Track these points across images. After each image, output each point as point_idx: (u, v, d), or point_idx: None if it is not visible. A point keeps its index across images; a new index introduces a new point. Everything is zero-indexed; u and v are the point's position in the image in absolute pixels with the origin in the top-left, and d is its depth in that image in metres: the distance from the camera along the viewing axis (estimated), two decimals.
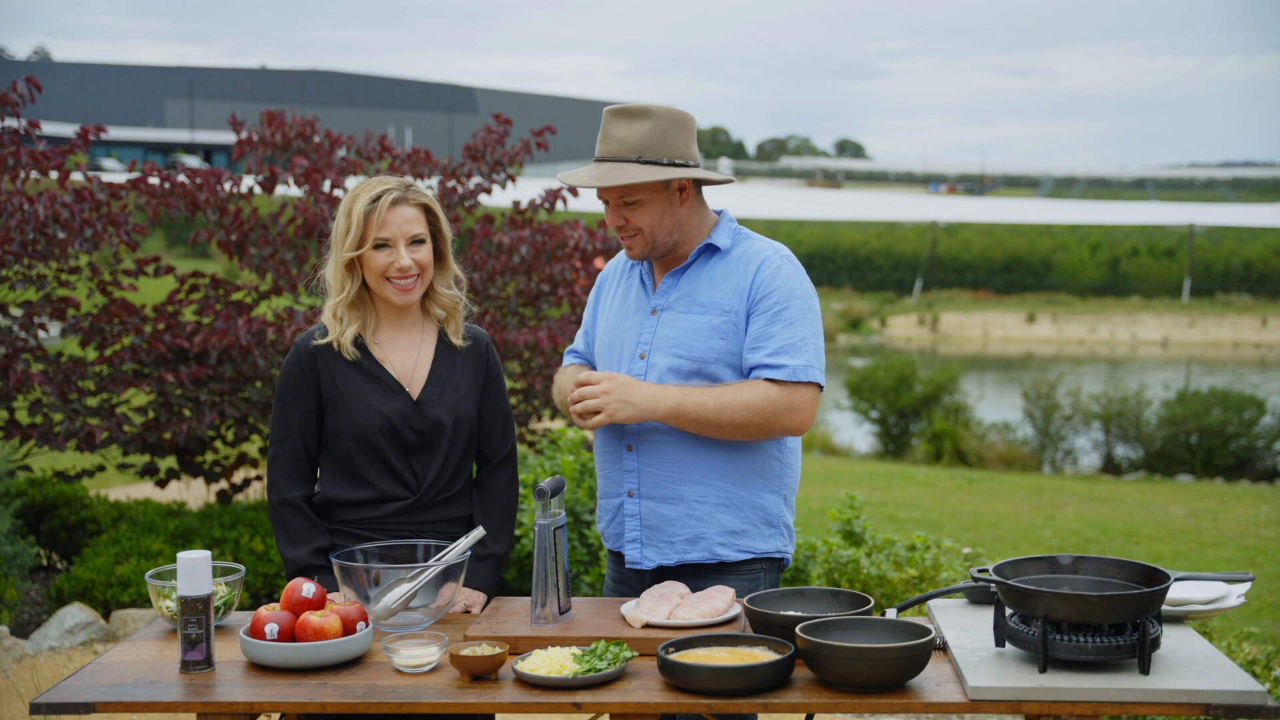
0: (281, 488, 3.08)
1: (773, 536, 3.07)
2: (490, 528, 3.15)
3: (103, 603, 5.67)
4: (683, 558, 3.02)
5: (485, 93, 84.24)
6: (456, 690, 2.48)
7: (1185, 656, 2.55)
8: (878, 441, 16.29)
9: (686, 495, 3.01)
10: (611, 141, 2.99)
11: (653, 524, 3.04)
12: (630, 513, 3.07)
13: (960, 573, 5.22)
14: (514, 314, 6.97)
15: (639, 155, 2.96)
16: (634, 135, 2.97)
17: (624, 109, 3.01)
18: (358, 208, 3.01)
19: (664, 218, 3.01)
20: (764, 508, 3.05)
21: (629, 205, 3.00)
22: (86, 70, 75.09)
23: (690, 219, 3.06)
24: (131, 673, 2.60)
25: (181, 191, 6.48)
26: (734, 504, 3.02)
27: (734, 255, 3.06)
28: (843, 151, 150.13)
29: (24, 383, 5.81)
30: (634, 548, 3.07)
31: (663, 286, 3.10)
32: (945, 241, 39.26)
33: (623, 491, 3.08)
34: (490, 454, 3.20)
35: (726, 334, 2.99)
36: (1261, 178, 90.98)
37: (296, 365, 3.07)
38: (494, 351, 3.22)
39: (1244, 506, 11.04)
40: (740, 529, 3.03)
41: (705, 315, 3.01)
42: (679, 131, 2.99)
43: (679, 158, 2.98)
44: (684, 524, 3.01)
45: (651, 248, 3.04)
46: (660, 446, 3.01)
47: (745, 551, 3.04)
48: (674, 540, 3.03)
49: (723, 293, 3.02)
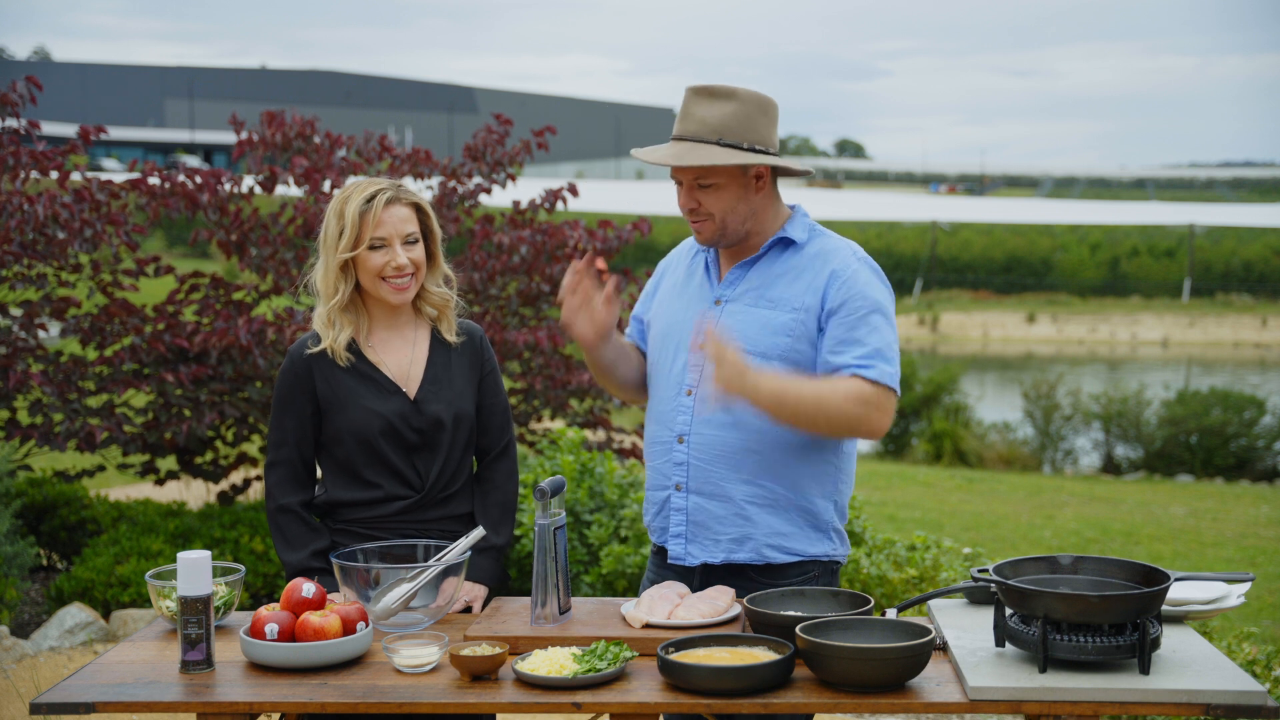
0: (278, 494, 3.08)
1: (820, 540, 2.98)
2: (491, 520, 3.14)
3: (103, 603, 5.67)
4: (729, 557, 2.94)
5: (485, 93, 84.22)
6: (456, 690, 2.48)
7: (1185, 656, 2.55)
8: (878, 441, 16.29)
9: (734, 494, 2.93)
10: (692, 121, 2.91)
11: (699, 520, 2.96)
12: (676, 507, 2.98)
13: (960, 573, 5.21)
14: (514, 314, 6.96)
15: (720, 137, 2.87)
16: (715, 116, 2.88)
17: (708, 88, 2.92)
18: (351, 208, 2.99)
19: (738, 204, 2.92)
20: (813, 512, 2.96)
21: (703, 189, 2.91)
22: (86, 70, 75.10)
23: (765, 209, 2.97)
24: (131, 673, 2.60)
25: (181, 191, 6.48)
26: (782, 505, 2.93)
27: (809, 252, 2.98)
28: (843, 151, 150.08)
29: (24, 383, 5.80)
30: (678, 543, 2.99)
31: (729, 277, 3.01)
32: (945, 241, 39.25)
33: (670, 484, 2.99)
34: (489, 447, 3.19)
35: (794, 332, 2.90)
36: (1261, 178, 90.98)
37: (291, 373, 3.07)
38: (488, 345, 3.21)
39: (1244, 506, 11.03)
40: (787, 531, 2.94)
41: (774, 311, 2.93)
42: (762, 116, 2.91)
43: (760, 144, 2.90)
44: (731, 522, 2.93)
45: (722, 234, 2.95)
46: (713, 441, 2.93)
47: (792, 554, 2.95)
48: (720, 539, 2.94)
49: (795, 290, 2.93)
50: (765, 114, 2.92)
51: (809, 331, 2.91)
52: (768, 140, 2.92)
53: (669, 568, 3.06)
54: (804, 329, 2.91)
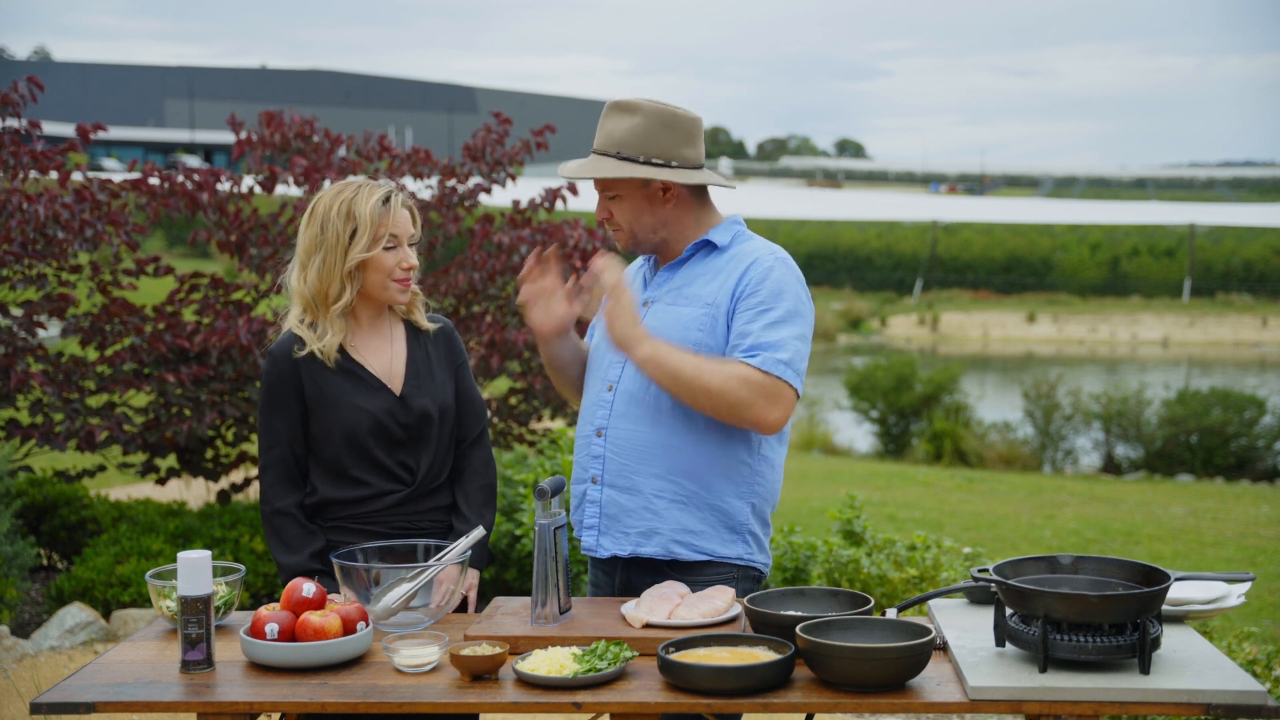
0: (273, 497, 3.08)
1: (734, 543, 2.99)
2: (474, 506, 3.17)
3: (103, 602, 5.67)
4: (636, 550, 2.98)
5: (485, 93, 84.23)
6: (456, 690, 2.48)
7: (1185, 656, 2.55)
8: (878, 441, 16.29)
9: (644, 488, 2.97)
10: (600, 134, 3.01)
11: (611, 513, 3.01)
12: (592, 499, 3.04)
13: (960, 572, 5.22)
14: (514, 314, 6.96)
15: (617, 151, 2.96)
16: (618, 130, 2.97)
17: (620, 102, 3.01)
18: (366, 209, 2.99)
19: (643, 216, 3.01)
20: (727, 512, 2.98)
21: (610, 199, 3.02)
22: (86, 70, 75.11)
23: (680, 219, 3.04)
24: (132, 673, 2.60)
25: (181, 191, 6.48)
26: (692, 502, 2.96)
27: (730, 253, 3.04)
28: (843, 151, 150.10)
29: (24, 382, 5.80)
30: (590, 534, 3.04)
31: (657, 279, 3.10)
32: (945, 241, 39.25)
33: (588, 477, 3.05)
34: (464, 435, 3.22)
35: (704, 326, 2.96)
36: (1261, 178, 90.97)
37: (277, 374, 3.06)
38: (458, 336, 3.25)
39: (1244, 506, 11.04)
40: (697, 529, 2.97)
41: (688, 308, 2.99)
42: (665, 131, 2.96)
43: (660, 158, 2.96)
44: (640, 516, 2.97)
45: (634, 242, 3.06)
46: (628, 435, 2.98)
47: (701, 553, 2.97)
48: (629, 531, 2.99)
49: (710, 288, 3.00)
50: (670, 129, 2.97)
51: (718, 325, 2.96)
52: (671, 154, 2.97)
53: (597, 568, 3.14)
54: (712, 323, 2.96)
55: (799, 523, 6.89)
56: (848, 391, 16.76)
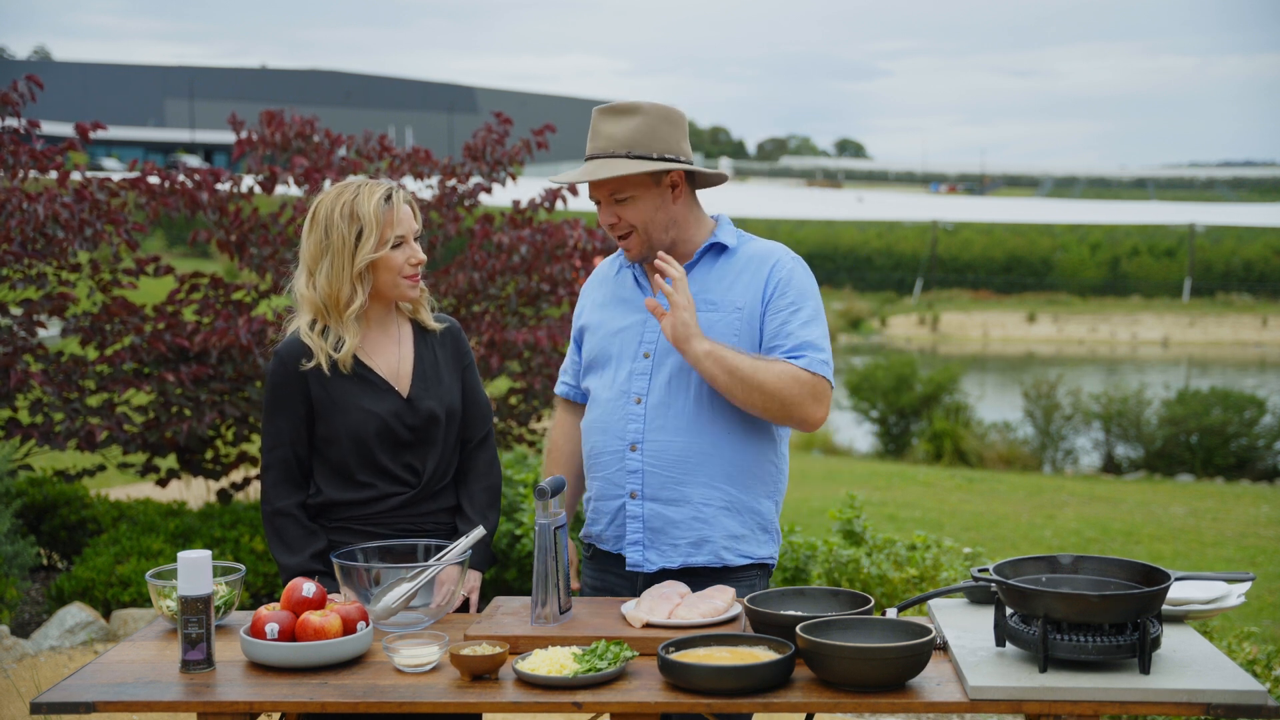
0: (274, 497, 3.06)
1: (767, 542, 3.07)
2: (478, 507, 3.15)
3: (103, 602, 5.67)
4: (687, 560, 2.99)
5: (485, 92, 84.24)
6: (456, 690, 2.48)
7: (1185, 656, 2.55)
8: (878, 441, 16.30)
9: (692, 497, 2.98)
10: (600, 139, 2.99)
11: (656, 526, 3.00)
12: (633, 514, 3.02)
13: (960, 572, 5.21)
14: (514, 314, 6.96)
15: (628, 150, 2.95)
16: (623, 131, 2.96)
17: (612, 107, 3.01)
18: (369, 209, 2.97)
19: (657, 214, 2.99)
20: (761, 513, 3.05)
21: (620, 202, 2.98)
22: (86, 70, 75.11)
23: (685, 217, 3.04)
24: (132, 672, 2.60)
25: (181, 191, 6.48)
26: (736, 508, 3.00)
27: (743, 254, 3.05)
28: (843, 151, 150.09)
29: (24, 382, 5.80)
30: (635, 550, 3.03)
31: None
32: (945, 241, 39.25)
33: (625, 493, 3.03)
34: (470, 437, 3.20)
35: (740, 331, 2.97)
36: (1261, 178, 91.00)
37: (283, 375, 3.04)
38: (464, 337, 3.24)
39: (1244, 506, 11.04)
40: (741, 533, 3.01)
41: (717, 313, 2.99)
42: (668, 126, 2.98)
43: (669, 153, 2.97)
44: (689, 526, 2.98)
45: (649, 246, 3.02)
46: (667, 447, 2.98)
47: (745, 556, 3.02)
48: (678, 543, 2.99)
49: (735, 291, 3.00)
50: (671, 124, 3.00)
51: (751, 330, 2.99)
52: (677, 149, 3.00)
53: (619, 575, 3.10)
54: (748, 328, 2.99)
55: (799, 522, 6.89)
56: (848, 391, 16.76)
